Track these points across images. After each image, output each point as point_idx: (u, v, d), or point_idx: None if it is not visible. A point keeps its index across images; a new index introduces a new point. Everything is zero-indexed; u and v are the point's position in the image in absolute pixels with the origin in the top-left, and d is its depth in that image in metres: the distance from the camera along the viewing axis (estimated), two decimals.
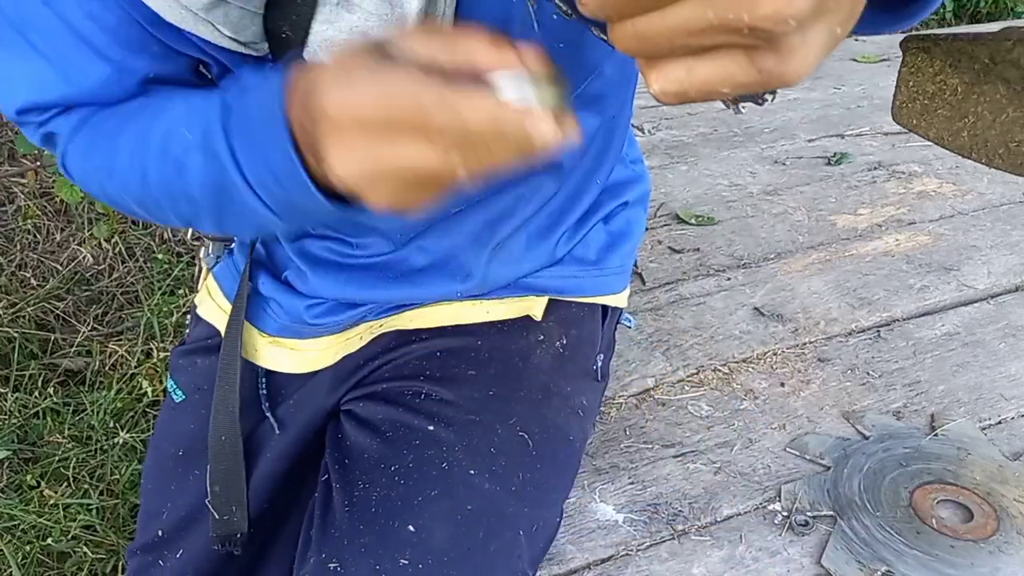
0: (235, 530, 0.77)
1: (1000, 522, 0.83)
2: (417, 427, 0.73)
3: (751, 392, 1.03)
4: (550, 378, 0.80)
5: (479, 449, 0.72)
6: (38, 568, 1.36)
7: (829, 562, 0.80)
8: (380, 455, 0.72)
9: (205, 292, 0.88)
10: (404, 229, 0.73)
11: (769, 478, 0.90)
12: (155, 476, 0.83)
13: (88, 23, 0.54)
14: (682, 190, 1.55)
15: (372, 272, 0.77)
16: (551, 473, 0.76)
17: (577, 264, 0.84)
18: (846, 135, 1.79)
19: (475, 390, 0.76)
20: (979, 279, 1.25)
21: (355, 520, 0.69)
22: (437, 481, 0.70)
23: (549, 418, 0.77)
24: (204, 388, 0.83)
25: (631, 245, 0.89)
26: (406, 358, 0.80)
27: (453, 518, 0.68)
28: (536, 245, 0.80)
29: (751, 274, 1.28)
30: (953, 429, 0.96)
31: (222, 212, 0.55)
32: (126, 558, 0.83)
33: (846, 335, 1.14)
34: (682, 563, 0.81)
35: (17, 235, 1.95)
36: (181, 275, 1.90)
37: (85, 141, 0.59)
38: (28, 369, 1.68)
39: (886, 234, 1.38)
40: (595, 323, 0.87)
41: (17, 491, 1.47)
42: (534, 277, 0.82)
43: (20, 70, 0.57)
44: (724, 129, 1.84)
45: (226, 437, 0.77)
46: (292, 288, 0.80)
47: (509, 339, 0.81)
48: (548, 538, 0.77)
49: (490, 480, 0.71)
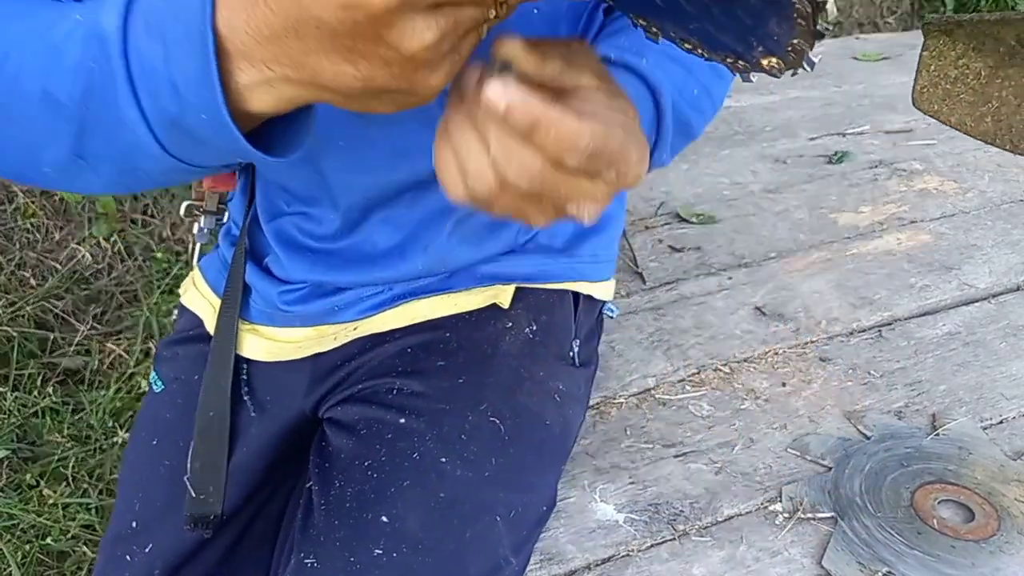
0: (209, 511, 0.77)
1: (1001, 522, 0.83)
2: (389, 421, 0.73)
3: (752, 392, 1.03)
4: (520, 363, 0.79)
5: (449, 437, 0.72)
6: (37, 567, 1.35)
7: (830, 563, 0.79)
8: (355, 453, 0.73)
9: (190, 282, 0.89)
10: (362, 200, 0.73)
11: (770, 478, 0.90)
12: (131, 466, 0.83)
13: None
14: (683, 189, 1.55)
15: (339, 255, 0.77)
16: (527, 457, 0.76)
17: (543, 253, 0.84)
18: (847, 133, 1.78)
19: (444, 380, 0.76)
20: (980, 278, 1.25)
21: (331, 516, 0.69)
22: (409, 471, 0.70)
23: (521, 402, 0.77)
24: (182, 378, 0.84)
25: (607, 236, 0.89)
26: (379, 358, 0.80)
27: (426, 506, 0.68)
28: (495, 226, 0.79)
29: (752, 273, 1.27)
30: (954, 429, 0.95)
31: (85, 124, 0.44)
32: (99, 549, 0.83)
33: (847, 334, 1.14)
34: (683, 563, 0.81)
35: (16, 234, 1.94)
36: (180, 274, 1.90)
37: None
38: (27, 368, 1.68)
39: (887, 233, 1.38)
40: (566, 309, 0.87)
41: (16, 490, 1.47)
42: (498, 265, 0.82)
43: None
44: (725, 128, 1.83)
45: (214, 414, 0.77)
46: (269, 274, 0.81)
47: (477, 328, 0.81)
48: (532, 523, 0.77)
49: (462, 467, 0.70)
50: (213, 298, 0.85)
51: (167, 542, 0.78)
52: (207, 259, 0.89)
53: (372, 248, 0.77)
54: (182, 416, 0.81)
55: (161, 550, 0.78)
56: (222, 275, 0.85)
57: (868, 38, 2.58)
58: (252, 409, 0.81)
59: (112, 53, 0.40)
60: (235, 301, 0.80)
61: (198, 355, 0.83)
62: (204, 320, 0.85)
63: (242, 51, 0.38)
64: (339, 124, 0.63)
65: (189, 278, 0.91)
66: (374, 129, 0.66)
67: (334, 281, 0.79)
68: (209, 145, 0.43)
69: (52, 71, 0.43)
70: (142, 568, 0.78)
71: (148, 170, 0.46)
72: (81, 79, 0.42)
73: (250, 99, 0.40)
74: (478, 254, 0.81)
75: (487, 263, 0.82)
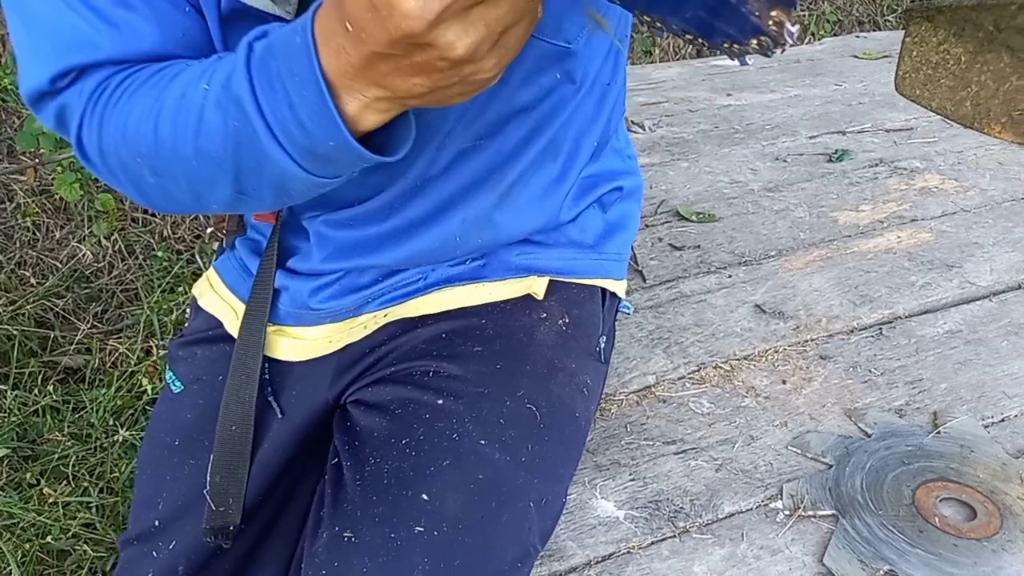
0: (228, 523, 0.77)
1: (1003, 520, 0.83)
2: (426, 402, 0.73)
3: (752, 389, 1.03)
4: (554, 354, 0.80)
5: (488, 420, 0.72)
6: (38, 566, 1.35)
7: (831, 561, 0.79)
8: (390, 431, 0.72)
9: (206, 283, 0.89)
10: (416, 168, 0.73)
11: (771, 476, 0.90)
12: (151, 466, 0.83)
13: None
14: (683, 187, 1.55)
15: (375, 236, 0.77)
16: (559, 447, 0.76)
17: (575, 247, 0.85)
18: (847, 132, 1.78)
19: (482, 365, 0.76)
20: (981, 276, 1.25)
21: (367, 492, 0.68)
22: (448, 452, 0.69)
23: (555, 393, 0.77)
24: (203, 379, 0.83)
25: (627, 236, 0.91)
26: (412, 343, 0.80)
27: (465, 487, 0.68)
28: (543, 197, 0.80)
29: (752, 271, 1.27)
30: (956, 427, 0.95)
31: (240, 169, 0.56)
32: (118, 548, 0.83)
33: (848, 332, 1.14)
34: (683, 561, 0.81)
35: (16, 233, 1.94)
36: (181, 272, 1.90)
37: (102, 106, 0.60)
38: (28, 367, 1.68)
39: (888, 231, 1.37)
40: (595, 305, 0.88)
41: (17, 489, 1.47)
42: (531, 257, 0.82)
43: (60, 29, 0.58)
44: (725, 126, 1.83)
45: (236, 427, 0.77)
46: (297, 273, 0.80)
47: (512, 317, 0.81)
48: (556, 514, 0.77)
49: (500, 451, 0.71)
50: (233, 300, 0.85)
51: (188, 539, 0.78)
52: (223, 260, 0.88)
53: (409, 222, 0.77)
54: (204, 417, 0.80)
55: (184, 548, 0.78)
56: (241, 277, 0.84)
57: (869, 36, 2.58)
58: (280, 411, 0.81)
59: (250, 113, 0.52)
60: (263, 312, 0.79)
61: (219, 356, 0.83)
62: (224, 323, 0.84)
63: (343, 86, 0.49)
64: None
65: (204, 279, 0.90)
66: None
67: (373, 262, 0.79)
68: (340, 161, 0.54)
69: (200, 133, 0.55)
70: (167, 564, 0.78)
71: (299, 189, 0.58)
72: (230, 137, 0.54)
73: (360, 120, 0.51)
74: (522, 226, 0.80)
75: (521, 253, 0.82)
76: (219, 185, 0.58)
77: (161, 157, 0.58)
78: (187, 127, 0.56)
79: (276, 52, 0.51)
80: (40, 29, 0.59)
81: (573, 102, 0.76)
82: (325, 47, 0.48)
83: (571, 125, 0.78)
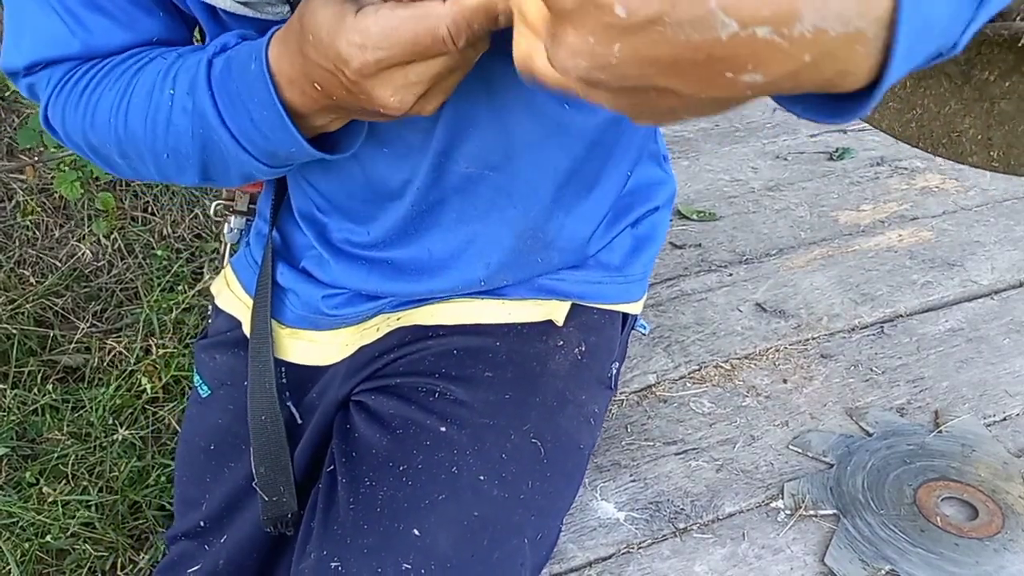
0: (285, 510, 0.77)
1: (1005, 519, 0.83)
2: (429, 427, 0.72)
3: (753, 389, 1.03)
4: (566, 385, 0.78)
5: (490, 454, 0.71)
6: (37, 566, 1.35)
7: (832, 560, 0.79)
8: (389, 452, 0.72)
9: (223, 283, 0.88)
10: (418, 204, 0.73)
11: (772, 475, 0.89)
12: (188, 468, 0.84)
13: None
14: (683, 186, 1.54)
15: (393, 265, 0.76)
16: (560, 482, 0.75)
17: (602, 269, 0.82)
18: (848, 130, 1.78)
19: (491, 392, 0.75)
20: (983, 275, 1.24)
21: (359, 519, 0.68)
22: (445, 485, 0.69)
23: (562, 426, 0.76)
24: (228, 384, 0.83)
25: (654, 249, 0.87)
26: (422, 354, 0.79)
27: (459, 524, 0.67)
28: (572, 236, 0.77)
29: (753, 270, 1.27)
30: (957, 426, 0.95)
31: (208, 164, 0.62)
32: (165, 543, 0.84)
33: (849, 331, 1.13)
34: (684, 561, 0.80)
35: (16, 231, 1.94)
36: (180, 271, 1.89)
37: (66, 94, 0.64)
38: (27, 366, 1.68)
39: (889, 230, 1.37)
40: (614, 330, 0.86)
41: (16, 488, 1.46)
42: (558, 280, 0.80)
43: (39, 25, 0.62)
44: (725, 124, 1.83)
45: (266, 417, 0.77)
46: (310, 277, 0.80)
47: (528, 342, 0.79)
48: (551, 545, 0.77)
49: (499, 487, 0.70)
50: (248, 299, 0.84)
51: (240, 534, 0.80)
52: (238, 258, 0.87)
53: (428, 256, 0.75)
54: (236, 422, 0.80)
55: (237, 539, 0.80)
56: (254, 273, 0.84)
57: None
58: (299, 416, 0.81)
59: (214, 124, 0.58)
60: (265, 303, 0.79)
61: (239, 362, 0.83)
62: (242, 322, 0.84)
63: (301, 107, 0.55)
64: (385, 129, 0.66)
65: (221, 278, 0.89)
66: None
67: (390, 291, 0.78)
68: (298, 158, 0.61)
69: (169, 133, 0.60)
70: (213, 557, 0.80)
71: (262, 175, 0.64)
72: (197, 140, 0.60)
73: (314, 127, 0.58)
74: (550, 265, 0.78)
75: (544, 274, 0.80)
76: (187, 172, 0.63)
77: (132, 145, 0.62)
78: (156, 125, 0.60)
79: (234, 74, 0.56)
80: (25, 20, 0.63)
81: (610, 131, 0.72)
82: (286, 84, 0.54)
83: (608, 155, 0.75)
